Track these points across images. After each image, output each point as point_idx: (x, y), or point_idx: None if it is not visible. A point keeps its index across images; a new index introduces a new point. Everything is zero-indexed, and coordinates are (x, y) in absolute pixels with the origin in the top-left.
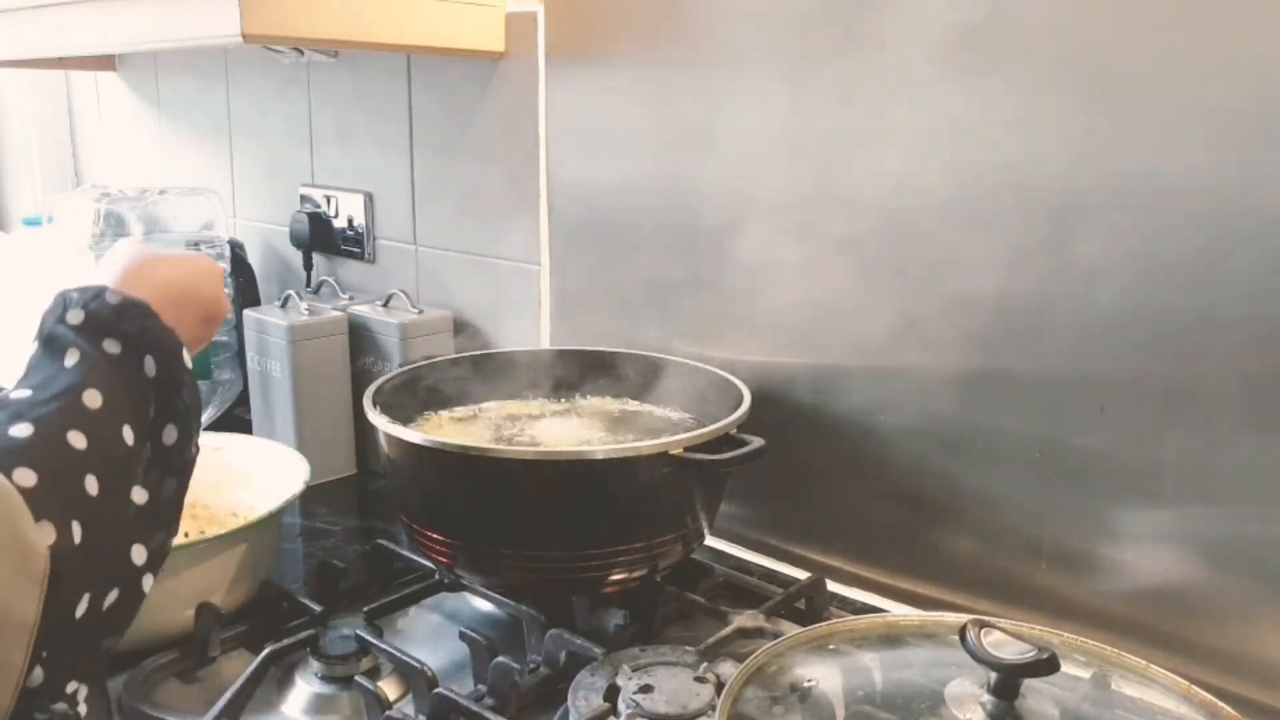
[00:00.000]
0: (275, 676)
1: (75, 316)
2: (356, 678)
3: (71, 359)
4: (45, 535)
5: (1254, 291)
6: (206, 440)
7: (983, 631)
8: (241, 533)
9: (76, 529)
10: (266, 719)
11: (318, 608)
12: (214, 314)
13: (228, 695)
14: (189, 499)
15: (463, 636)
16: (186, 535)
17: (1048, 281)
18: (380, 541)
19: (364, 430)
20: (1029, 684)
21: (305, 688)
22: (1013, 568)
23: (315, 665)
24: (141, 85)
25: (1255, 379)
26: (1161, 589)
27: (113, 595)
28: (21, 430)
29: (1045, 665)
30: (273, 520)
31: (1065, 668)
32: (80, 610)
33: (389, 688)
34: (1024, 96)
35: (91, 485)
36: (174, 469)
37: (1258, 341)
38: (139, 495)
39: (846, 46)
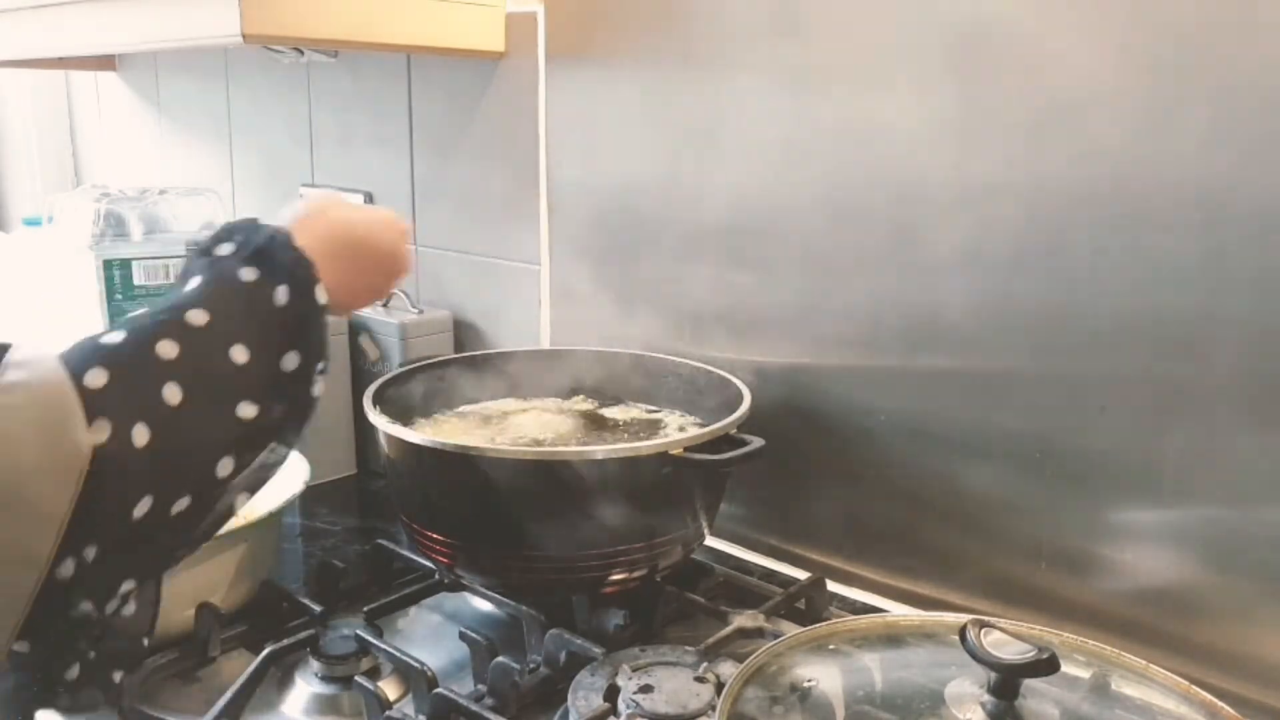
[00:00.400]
0: (275, 676)
1: (225, 249)
2: (356, 678)
3: (193, 283)
4: (98, 433)
5: (1254, 291)
6: None
7: (983, 631)
8: (241, 532)
9: (142, 431)
10: (266, 719)
11: (318, 608)
12: (392, 268)
13: (228, 695)
14: None
15: (463, 636)
16: None
17: (1048, 282)
18: (380, 541)
19: (364, 430)
20: (1029, 684)
21: (305, 688)
22: (1013, 568)
23: (315, 665)
24: (141, 85)
25: (1255, 379)
26: (1161, 589)
27: (183, 502)
28: (113, 337)
29: (1045, 665)
30: (272, 520)
31: (1065, 668)
32: (140, 511)
33: (389, 688)
34: (1024, 97)
35: (172, 393)
36: (290, 396)
37: (1258, 341)
38: (247, 410)
39: (846, 45)
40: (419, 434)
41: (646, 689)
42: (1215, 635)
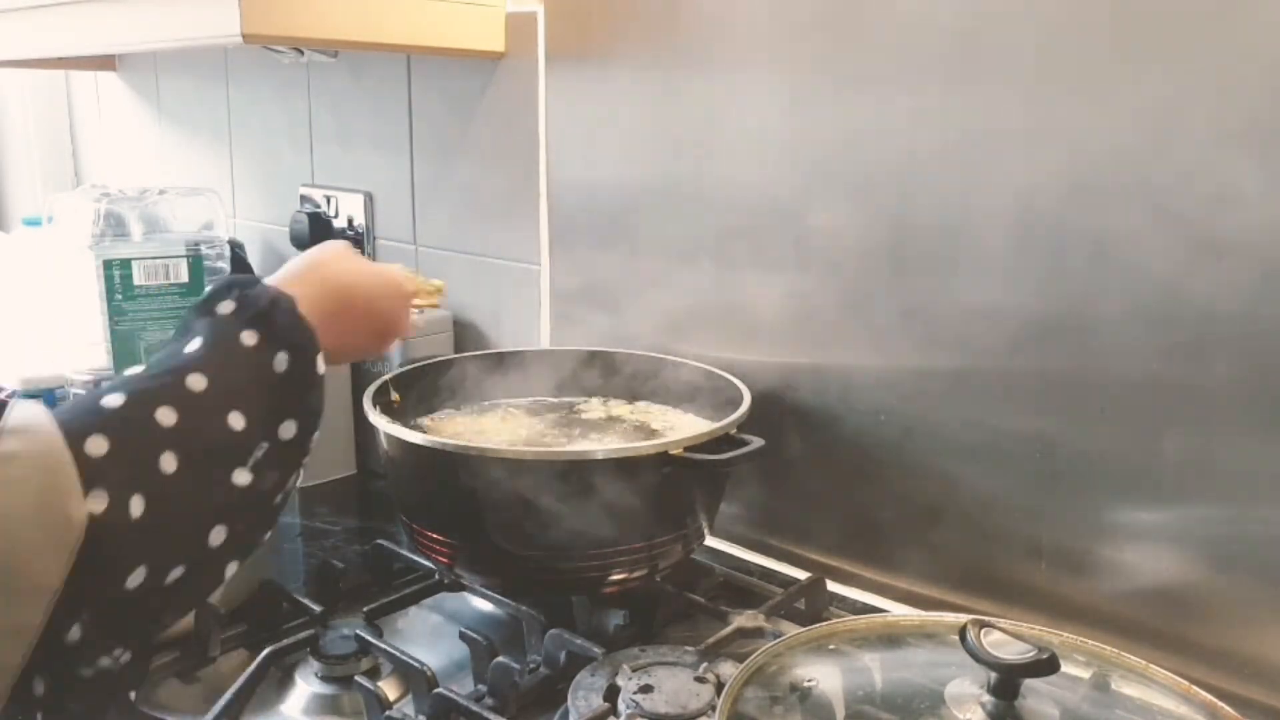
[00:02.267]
0: (275, 676)
1: (226, 306)
2: (356, 678)
3: (193, 345)
4: (96, 503)
5: (1254, 292)
6: None
7: (983, 631)
8: None
9: (137, 502)
10: (266, 719)
11: (318, 608)
12: (387, 331)
13: (228, 695)
14: None
15: (463, 636)
16: None
17: (1048, 281)
18: (380, 541)
19: (364, 430)
20: (1029, 684)
21: (305, 688)
22: (1013, 568)
23: (315, 665)
24: (141, 85)
25: (1255, 379)
26: (1161, 589)
27: (177, 571)
28: (113, 400)
29: (1045, 665)
30: None
31: (1065, 668)
32: (134, 581)
33: (389, 688)
34: (1023, 97)
35: (168, 462)
36: (283, 464)
37: (1258, 341)
38: (241, 478)
39: (846, 46)
40: (419, 434)
41: (646, 689)
42: (1215, 635)
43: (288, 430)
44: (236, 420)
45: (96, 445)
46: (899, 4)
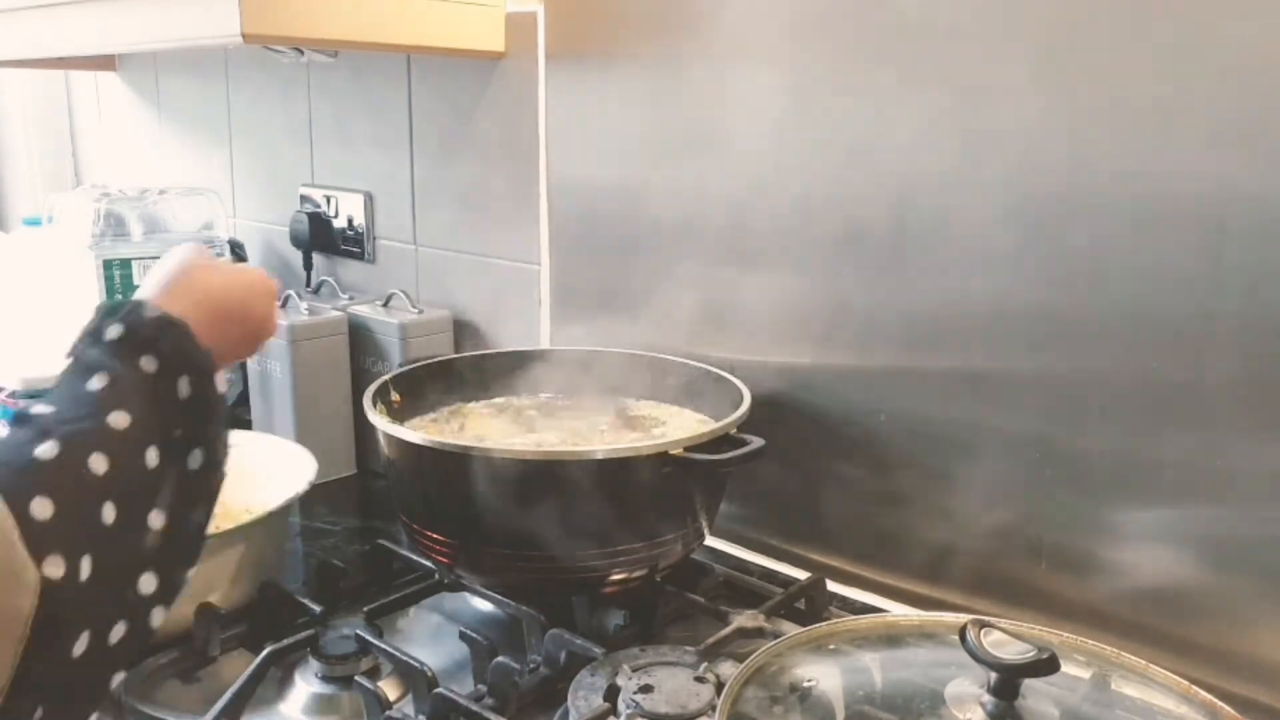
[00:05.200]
0: (275, 676)
1: (114, 331)
2: (356, 678)
3: (97, 380)
4: (53, 569)
5: (1254, 291)
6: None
7: (983, 631)
8: (242, 531)
9: (86, 563)
10: (266, 719)
11: (318, 608)
12: (259, 333)
13: (228, 695)
14: None
15: (463, 636)
16: None
17: (1048, 281)
18: (380, 541)
19: (364, 430)
20: (1029, 684)
21: (305, 688)
22: (1013, 568)
23: (315, 665)
24: (141, 85)
25: (1255, 379)
26: (1161, 589)
27: (119, 629)
28: (47, 450)
29: (1045, 665)
30: (275, 520)
31: (1065, 668)
32: (79, 649)
33: (389, 688)
34: (1023, 96)
35: (108, 513)
36: (197, 497)
37: (1257, 342)
38: (156, 520)
39: (846, 45)
40: (419, 434)
41: (646, 689)
42: (1215, 635)
43: (194, 460)
44: (152, 457)
45: (42, 508)
46: (899, 3)
